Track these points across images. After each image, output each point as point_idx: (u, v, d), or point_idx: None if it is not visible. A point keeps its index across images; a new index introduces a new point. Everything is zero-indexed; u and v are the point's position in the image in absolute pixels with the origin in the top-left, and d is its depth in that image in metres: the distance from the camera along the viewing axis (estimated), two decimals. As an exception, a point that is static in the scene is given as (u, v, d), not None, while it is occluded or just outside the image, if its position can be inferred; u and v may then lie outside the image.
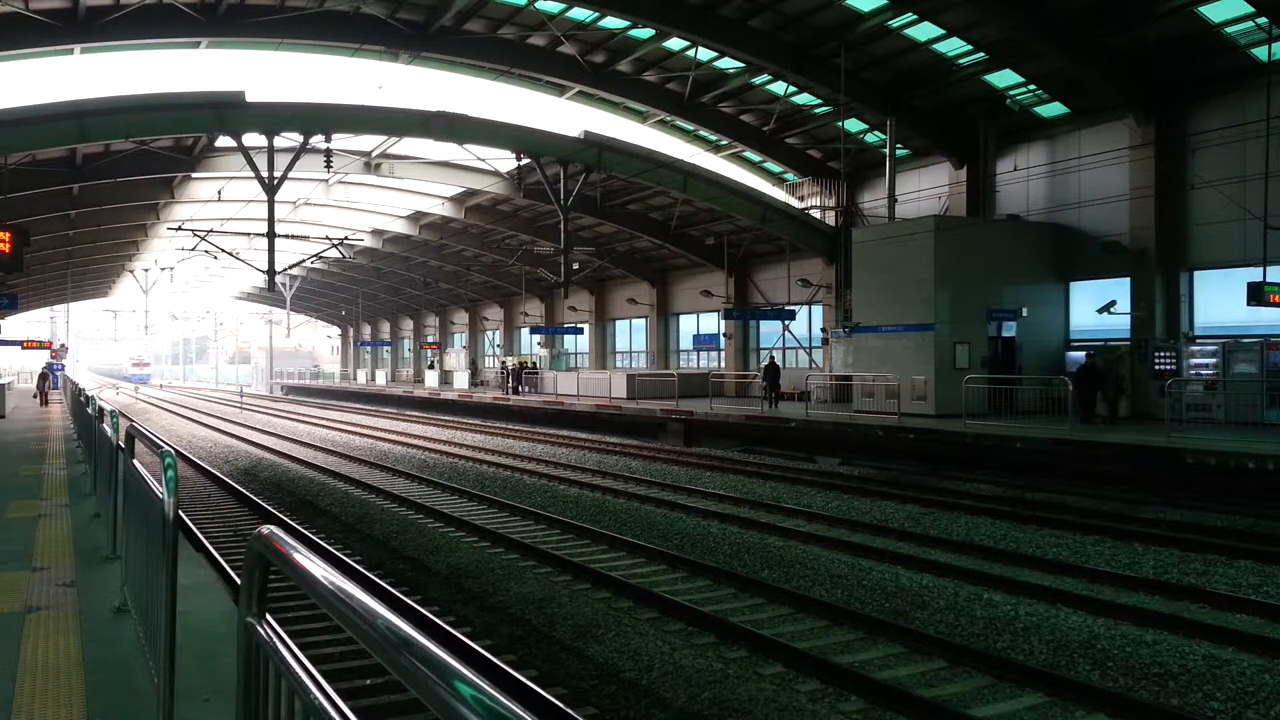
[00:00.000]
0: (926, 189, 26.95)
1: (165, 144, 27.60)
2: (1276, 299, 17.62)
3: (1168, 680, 6.88)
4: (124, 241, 44.00)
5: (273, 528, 1.89)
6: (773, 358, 29.75)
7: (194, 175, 31.45)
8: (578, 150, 26.99)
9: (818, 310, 31.92)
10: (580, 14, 23.05)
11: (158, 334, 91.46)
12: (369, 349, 69.29)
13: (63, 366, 49.97)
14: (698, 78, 25.62)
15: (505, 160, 28.56)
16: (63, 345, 53.24)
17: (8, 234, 14.72)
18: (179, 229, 32.55)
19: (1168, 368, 19.81)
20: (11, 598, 5.43)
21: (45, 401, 35.45)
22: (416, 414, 40.11)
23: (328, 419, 38.04)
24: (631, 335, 43.44)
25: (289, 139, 24.08)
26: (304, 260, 43.34)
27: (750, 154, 30.65)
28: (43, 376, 39.04)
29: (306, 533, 12.76)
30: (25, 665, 4.18)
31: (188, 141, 27.92)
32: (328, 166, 25.52)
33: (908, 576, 9.95)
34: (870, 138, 27.65)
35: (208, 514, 14.54)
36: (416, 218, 40.99)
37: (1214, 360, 19.32)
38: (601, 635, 8.04)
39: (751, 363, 35.09)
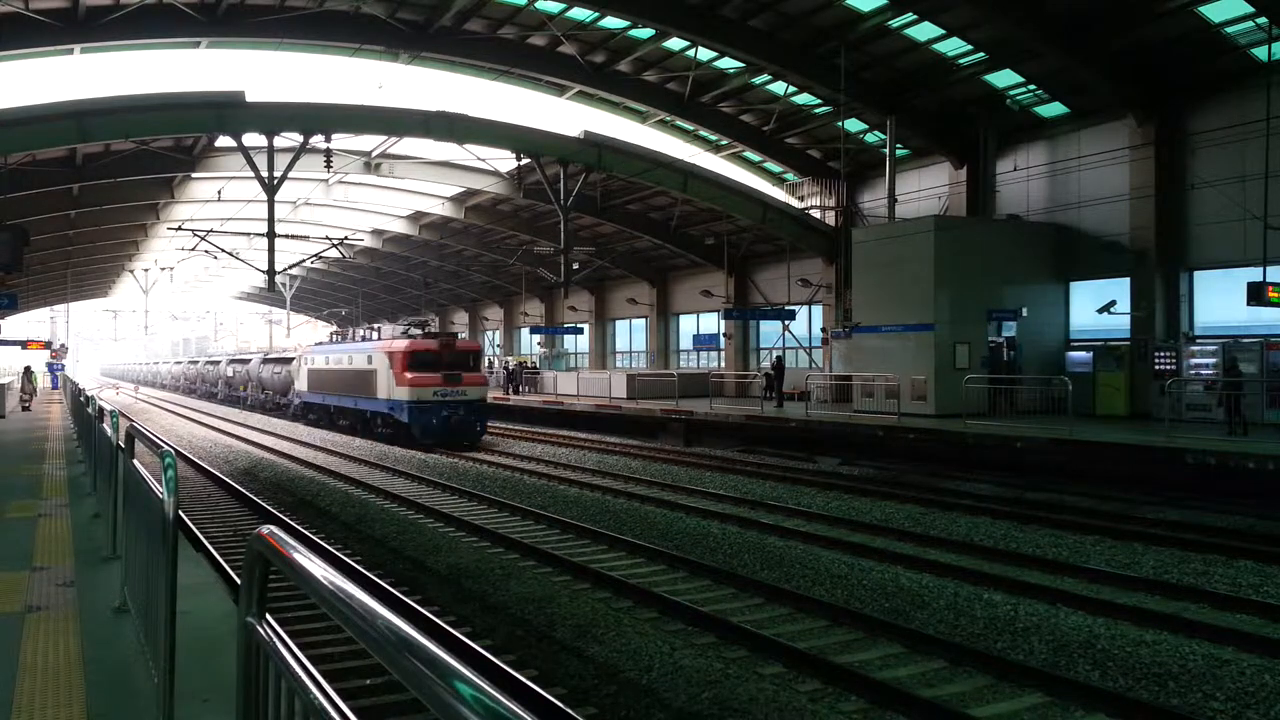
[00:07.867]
0: (926, 189, 26.94)
1: (165, 144, 27.60)
2: (1276, 297, 17.60)
3: (1168, 680, 6.88)
4: (124, 241, 44.01)
5: (273, 528, 1.89)
6: (779, 357, 29.57)
7: (194, 175, 31.44)
8: (578, 150, 26.98)
9: (818, 310, 31.90)
10: (580, 14, 23.05)
11: (158, 334, 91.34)
12: (369, 349, 69.04)
13: (62, 367, 49.89)
14: (698, 78, 25.61)
15: (505, 160, 28.54)
16: (63, 345, 53.06)
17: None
18: (179, 229, 32.55)
19: (1168, 368, 19.80)
20: (11, 598, 5.42)
21: (28, 405, 30.46)
22: (416, 414, 39.98)
23: (328, 419, 37.98)
24: (631, 335, 43.41)
25: (289, 139, 24.07)
26: (304, 260, 43.33)
27: (750, 154, 30.64)
28: (26, 375, 32.72)
29: (306, 533, 12.76)
30: (25, 665, 4.18)
31: (188, 141, 27.92)
32: (328, 166, 25.52)
33: (908, 576, 9.94)
34: (870, 138, 27.63)
35: (208, 514, 14.54)
36: (416, 218, 40.98)
37: (1214, 360, 19.31)
38: (601, 635, 8.03)
39: (751, 363, 35.07)
